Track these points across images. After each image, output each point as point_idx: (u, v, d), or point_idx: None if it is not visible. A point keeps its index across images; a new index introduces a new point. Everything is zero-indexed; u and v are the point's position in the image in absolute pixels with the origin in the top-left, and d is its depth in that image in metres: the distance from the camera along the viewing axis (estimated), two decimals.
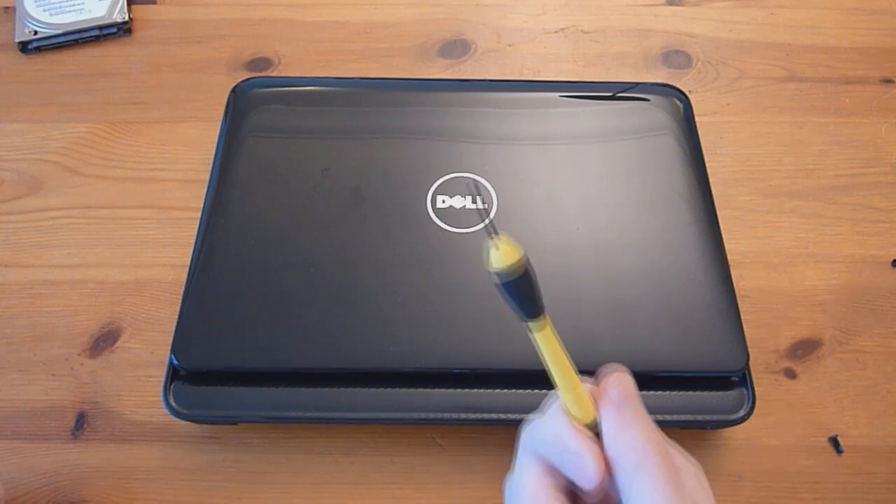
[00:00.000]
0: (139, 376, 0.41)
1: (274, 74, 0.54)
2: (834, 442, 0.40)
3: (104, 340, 0.42)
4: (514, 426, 0.38)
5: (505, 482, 0.27)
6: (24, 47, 0.54)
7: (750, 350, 0.38)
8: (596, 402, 0.26)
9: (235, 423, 0.39)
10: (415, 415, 0.37)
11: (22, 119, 0.51)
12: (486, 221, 0.23)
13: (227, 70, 0.54)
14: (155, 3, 0.57)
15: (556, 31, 0.57)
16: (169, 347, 0.37)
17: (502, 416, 0.37)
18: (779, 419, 0.41)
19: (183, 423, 0.39)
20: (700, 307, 0.39)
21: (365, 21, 0.57)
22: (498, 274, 0.23)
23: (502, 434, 0.40)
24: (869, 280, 0.45)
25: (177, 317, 0.38)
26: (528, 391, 0.37)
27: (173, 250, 0.44)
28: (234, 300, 0.39)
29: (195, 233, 0.41)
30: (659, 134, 0.45)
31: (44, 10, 0.55)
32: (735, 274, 0.41)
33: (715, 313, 0.38)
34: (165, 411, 0.37)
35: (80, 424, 0.40)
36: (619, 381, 0.26)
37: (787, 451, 0.40)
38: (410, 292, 0.39)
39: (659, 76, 0.54)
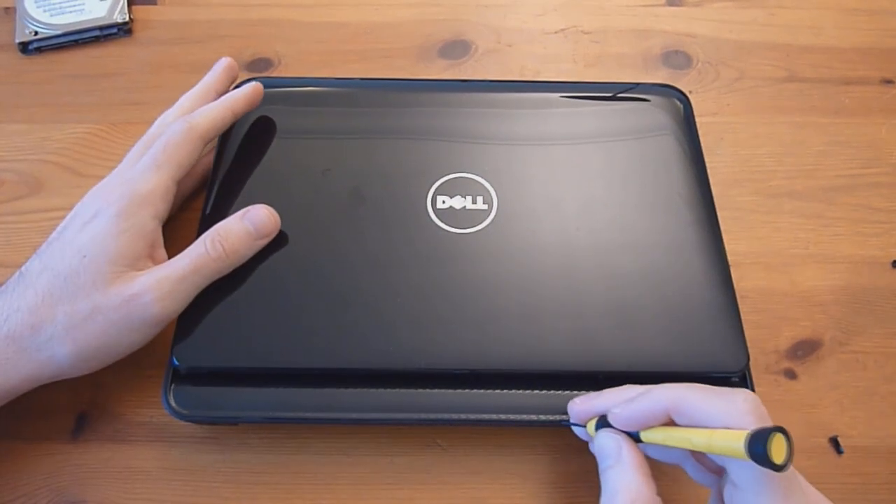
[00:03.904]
0: (139, 376, 0.41)
1: (274, 75, 0.54)
2: (834, 442, 0.40)
3: None
4: (514, 426, 0.38)
5: None
6: (24, 48, 0.54)
7: (750, 350, 0.38)
8: None
9: (235, 424, 0.39)
10: (415, 415, 0.37)
11: (22, 119, 0.51)
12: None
13: None
14: (155, 3, 0.57)
15: (556, 32, 0.57)
16: (169, 347, 0.38)
17: (502, 416, 0.37)
18: (779, 420, 0.40)
19: (183, 423, 0.39)
20: (700, 307, 0.39)
21: (365, 21, 0.57)
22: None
23: (502, 434, 0.40)
24: (869, 280, 0.45)
25: (177, 317, 0.38)
26: (528, 392, 0.37)
27: (174, 250, 0.44)
28: (234, 300, 0.39)
29: (195, 233, 0.41)
30: (659, 134, 0.45)
31: (44, 11, 0.55)
32: (735, 274, 0.41)
33: (715, 313, 0.39)
34: (165, 411, 0.37)
35: (80, 425, 0.40)
36: None
37: None
38: (410, 292, 0.39)
39: (659, 76, 0.54)
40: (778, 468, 0.27)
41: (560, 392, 0.37)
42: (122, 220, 0.37)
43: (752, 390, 0.38)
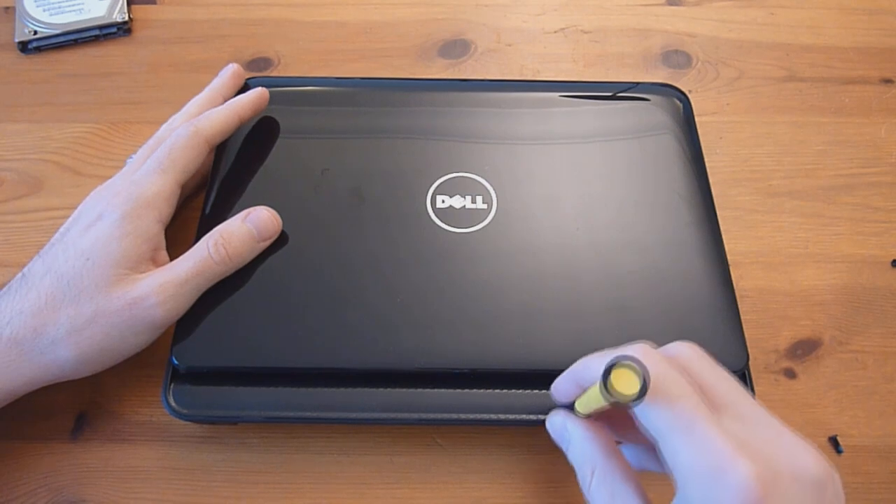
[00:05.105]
0: (139, 376, 0.41)
1: (274, 74, 0.54)
2: (834, 442, 0.40)
3: None
4: (514, 426, 0.38)
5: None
6: (24, 47, 0.54)
7: (749, 350, 0.38)
8: None
9: (235, 423, 0.39)
10: (415, 415, 0.37)
11: (22, 119, 0.51)
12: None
13: None
14: (155, 3, 0.57)
15: (555, 31, 0.57)
16: (169, 347, 0.38)
17: (502, 416, 0.37)
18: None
19: (183, 423, 0.39)
20: (700, 307, 0.39)
21: (365, 21, 0.57)
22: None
23: (502, 434, 0.40)
24: (869, 280, 0.46)
25: None
26: (528, 391, 0.37)
27: (173, 250, 0.44)
28: (234, 300, 0.39)
29: (195, 233, 0.41)
30: (659, 134, 0.45)
31: (44, 10, 0.55)
32: (735, 274, 0.41)
33: (715, 313, 0.39)
34: (165, 411, 0.37)
35: (80, 425, 0.40)
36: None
37: None
38: (410, 292, 0.39)
39: (659, 76, 0.54)
40: (626, 399, 0.24)
41: None
42: (127, 224, 0.37)
43: (752, 390, 0.38)
